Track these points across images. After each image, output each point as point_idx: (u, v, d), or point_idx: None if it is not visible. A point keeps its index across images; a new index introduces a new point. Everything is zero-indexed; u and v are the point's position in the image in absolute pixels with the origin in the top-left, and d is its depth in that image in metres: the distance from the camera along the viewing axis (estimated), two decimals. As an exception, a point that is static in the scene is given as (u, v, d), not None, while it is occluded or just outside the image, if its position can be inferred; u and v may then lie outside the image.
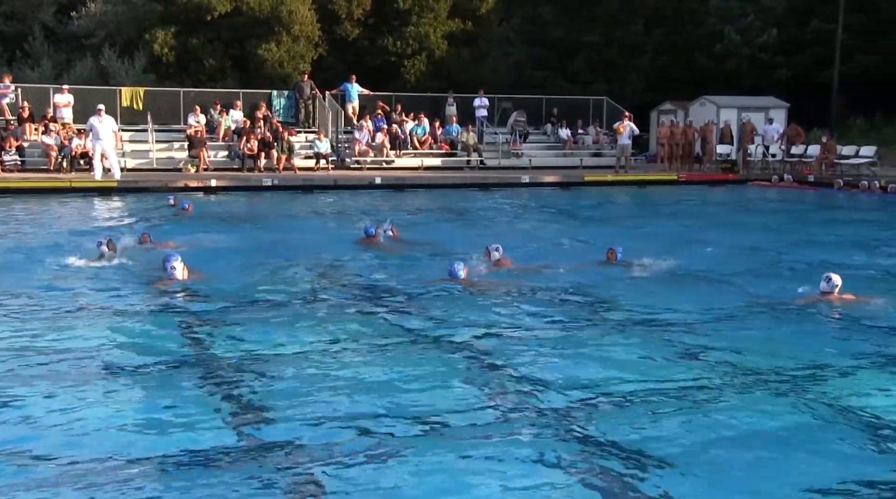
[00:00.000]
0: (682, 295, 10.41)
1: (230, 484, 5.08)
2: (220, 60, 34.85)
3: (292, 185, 23.32)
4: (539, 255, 13.18)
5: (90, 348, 7.83)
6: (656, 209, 21.10)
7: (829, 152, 27.47)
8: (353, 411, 6.23)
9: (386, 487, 5.09)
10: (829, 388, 7.03)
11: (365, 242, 13.62)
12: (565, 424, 6.09)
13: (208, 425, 5.99)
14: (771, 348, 8.06)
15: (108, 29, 38.53)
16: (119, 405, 6.35)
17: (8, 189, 20.62)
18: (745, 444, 5.82)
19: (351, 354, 7.73)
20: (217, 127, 26.56)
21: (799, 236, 16.31)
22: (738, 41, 35.22)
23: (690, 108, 31.52)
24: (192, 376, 7.10)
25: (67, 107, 25.38)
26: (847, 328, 9.04)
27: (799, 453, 5.74)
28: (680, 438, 5.91)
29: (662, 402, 6.63)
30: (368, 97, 29.33)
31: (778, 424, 6.20)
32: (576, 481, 5.24)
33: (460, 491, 5.08)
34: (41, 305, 9.37)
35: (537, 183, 25.30)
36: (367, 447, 5.61)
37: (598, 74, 35.72)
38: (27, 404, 6.35)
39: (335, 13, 35.71)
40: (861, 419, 6.32)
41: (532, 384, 6.97)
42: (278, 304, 9.70)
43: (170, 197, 18.85)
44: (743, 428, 6.09)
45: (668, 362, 7.68)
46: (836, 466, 5.56)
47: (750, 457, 5.61)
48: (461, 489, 5.10)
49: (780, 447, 5.78)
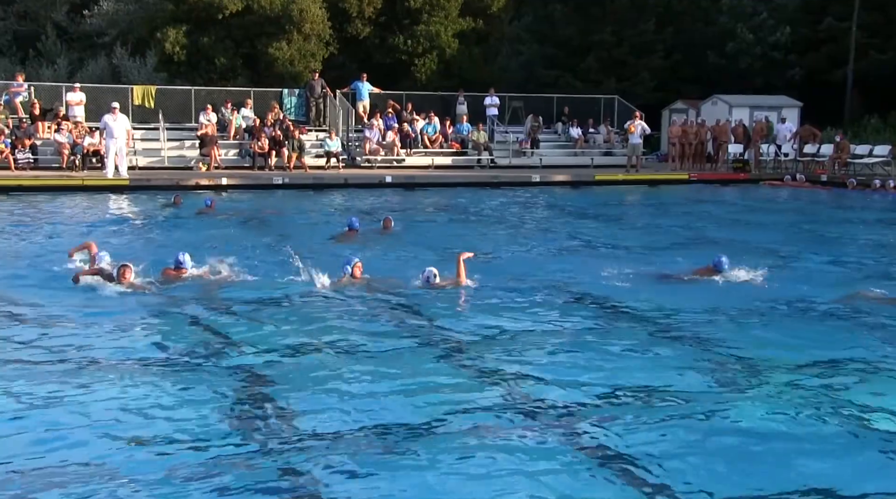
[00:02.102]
0: (692, 295, 10.37)
1: (235, 484, 5.08)
2: (231, 59, 34.89)
3: (303, 183, 23.34)
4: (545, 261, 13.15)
5: (101, 346, 7.85)
6: (668, 209, 21.04)
7: (843, 152, 27.32)
8: (360, 411, 6.22)
9: (391, 487, 5.09)
10: (844, 389, 6.99)
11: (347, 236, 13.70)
12: (573, 424, 6.07)
13: (209, 425, 6.00)
14: (789, 348, 8.04)
15: (120, 28, 38.68)
16: (124, 402, 6.36)
17: (21, 187, 20.69)
18: (760, 443, 5.80)
19: (355, 355, 7.71)
20: (228, 125, 26.59)
21: (812, 236, 16.26)
22: (750, 39, 35.06)
23: (702, 108, 31.43)
24: (195, 375, 7.12)
25: (80, 105, 25.44)
26: (863, 327, 8.99)
27: (816, 454, 5.72)
28: (690, 437, 5.89)
29: (676, 403, 6.61)
30: (379, 96, 29.31)
31: (794, 424, 6.17)
32: (587, 481, 5.22)
33: (471, 493, 5.08)
34: (54, 303, 9.39)
35: (548, 182, 25.25)
36: (373, 448, 5.60)
37: (609, 73, 35.63)
38: (33, 403, 6.37)
39: (346, 11, 35.72)
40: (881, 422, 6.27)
41: (535, 383, 6.98)
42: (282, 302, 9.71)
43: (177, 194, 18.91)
44: (759, 429, 6.06)
45: (679, 364, 7.65)
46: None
47: (766, 458, 5.58)
48: (472, 491, 5.09)
49: (796, 448, 5.76)
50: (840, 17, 33.73)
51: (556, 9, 37.62)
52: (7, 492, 4.91)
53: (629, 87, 34.60)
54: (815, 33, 35.19)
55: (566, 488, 5.12)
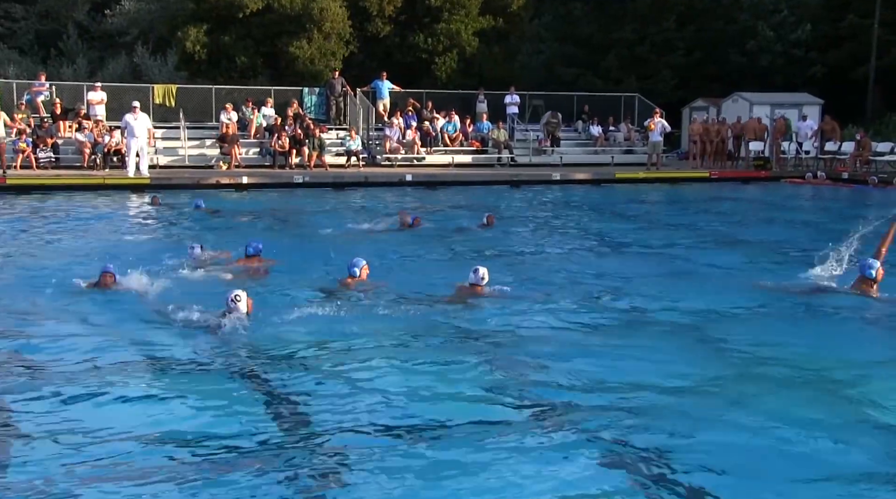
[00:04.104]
0: (711, 291, 10.33)
1: (250, 482, 5.10)
2: (251, 58, 35.02)
3: (323, 182, 23.37)
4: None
5: (122, 344, 7.89)
6: (688, 206, 20.96)
7: (864, 149, 27.12)
8: (376, 410, 6.22)
9: (405, 485, 5.09)
10: (861, 387, 6.95)
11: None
12: (590, 420, 6.06)
13: (223, 422, 6.03)
14: (809, 346, 8.00)
15: (141, 27, 38.93)
16: (144, 400, 6.42)
17: (43, 186, 20.82)
18: (777, 440, 5.77)
19: (372, 352, 7.70)
20: (249, 124, 26.68)
21: (831, 233, 16.14)
22: (771, 37, 34.84)
23: (723, 105, 31.28)
24: (208, 374, 7.16)
25: (101, 104, 25.58)
26: (874, 325, 8.95)
27: (832, 451, 5.69)
28: (709, 433, 5.87)
29: (693, 399, 6.59)
30: (399, 94, 29.33)
31: (811, 419, 6.15)
32: (603, 478, 5.21)
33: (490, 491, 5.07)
34: (77, 301, 9.45)
35: (568, 180, 25.19)
36: (390, 446, 5.61)
37: (630, 71, 35.49)
38: (52, 399, 6.42)
39: (366, 10, 35.79)
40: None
41: (550, 382, 6.98)
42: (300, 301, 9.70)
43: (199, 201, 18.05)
44: (776, 426, 6.04)
45: (698, 360, 7.63)
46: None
47: (784, 457, 5.56)
48: (491, 489, 5.09)
49: (813, 445, 5.73)
50: (862, 14, 33.46)
51: (576, 7, 37.52)
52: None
53: (650, 86, 34.45)
54: (837, 30, 34.93)
55: (583, 488, 5.11)
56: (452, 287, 9.82)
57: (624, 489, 5.09)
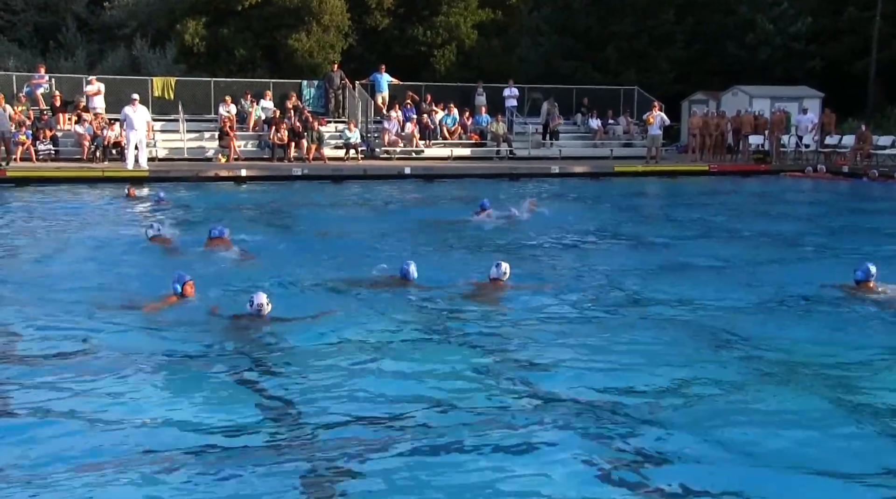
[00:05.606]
0: (717, 287, 10.34)
1: (254, 477, 5.11)
2: (250, 50, 34.96)
3: (322, 174, 23.33)
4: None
5: (123, 339, 7.90)
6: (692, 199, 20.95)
7: (865, 143, 27.12)
8: (379, 406, 6.25)
9: (410, 481, 5.11)
10: (861, 380, 6.95)
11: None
12: (593, 418, 6.07)
13: (217, 422, 5.99)
14: (813, 341, 8.01)
15: (140, 19, 38.84)
16: (145, 397, 6.42)
17: (42, 178, 20.80)
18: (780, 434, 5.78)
19: (376, 349, 7.70)
20: (247, 117, 26.64)
21: (832, 227, 16.16)
22: (770, 30, 34.80)
23: (723, 99, 31.26)
24: (213, 369, 7.16)
25: (98, 95, 25.51)
26: (879, 320, 8.95)
27: (836, 447, 5.69)
28: (714, 428, 5.88)
29: (692, 394, 6.60)
30: (398, 87, 29.29)
31: (816, 415, 6.15)
32: (607, 477, 5.22)
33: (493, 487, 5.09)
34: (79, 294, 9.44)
35: (567, 173, 25.17)
36: (393, 442, 5.63)
37: (629, 64, 35.43)
38: (56, 396, 6.41)
39: (365, 3, 35.74)
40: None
41: (553, 378, 6.99)
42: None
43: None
44: (779, 420, 6.04)
45: (696, 354, 7.64)
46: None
47: (786, 452, 5.57)
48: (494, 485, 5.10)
49: (812, 443, 5.74)
50: (862, 7, 33.42)
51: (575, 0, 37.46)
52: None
53: (649, 79, 34.38)
54: (837, 23, 34.88)
55: (586, 488, 5.12)
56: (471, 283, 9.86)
57: (624, 487, 5.10)
